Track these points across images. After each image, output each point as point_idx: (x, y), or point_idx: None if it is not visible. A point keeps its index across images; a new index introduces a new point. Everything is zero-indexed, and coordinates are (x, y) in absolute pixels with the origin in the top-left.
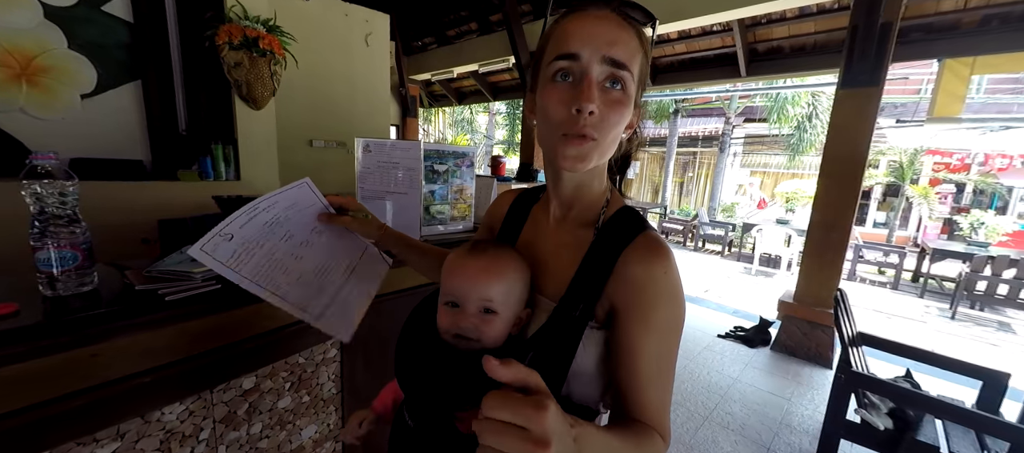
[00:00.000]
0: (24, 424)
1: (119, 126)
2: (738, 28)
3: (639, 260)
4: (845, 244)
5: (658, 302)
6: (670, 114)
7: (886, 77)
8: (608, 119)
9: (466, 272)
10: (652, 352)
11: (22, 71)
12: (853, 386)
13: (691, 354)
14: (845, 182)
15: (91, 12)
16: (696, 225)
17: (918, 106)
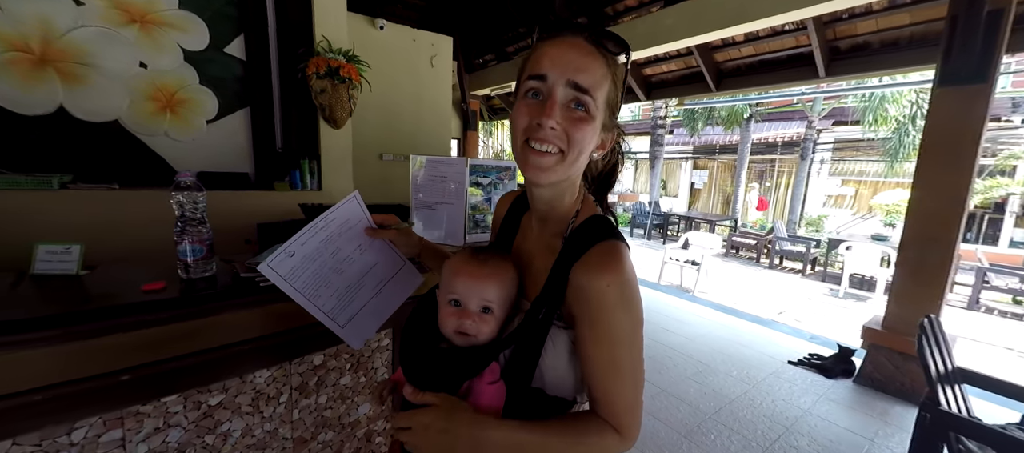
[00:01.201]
0: (165, 371)
1: (232, 146)
2: (813, 26)
3: (585, 272)
4: (948, 264)
5: (602, 313)
6: (742, 120)
7: (998, 72)
8: (571, 136)
9: (471, 275)
10: (603, 357)
11: (167, 103)
12: (942, 428)
13: (754, 380)
14: (947, 193)
15: (216, 54)
16: (771, 240)
17: None
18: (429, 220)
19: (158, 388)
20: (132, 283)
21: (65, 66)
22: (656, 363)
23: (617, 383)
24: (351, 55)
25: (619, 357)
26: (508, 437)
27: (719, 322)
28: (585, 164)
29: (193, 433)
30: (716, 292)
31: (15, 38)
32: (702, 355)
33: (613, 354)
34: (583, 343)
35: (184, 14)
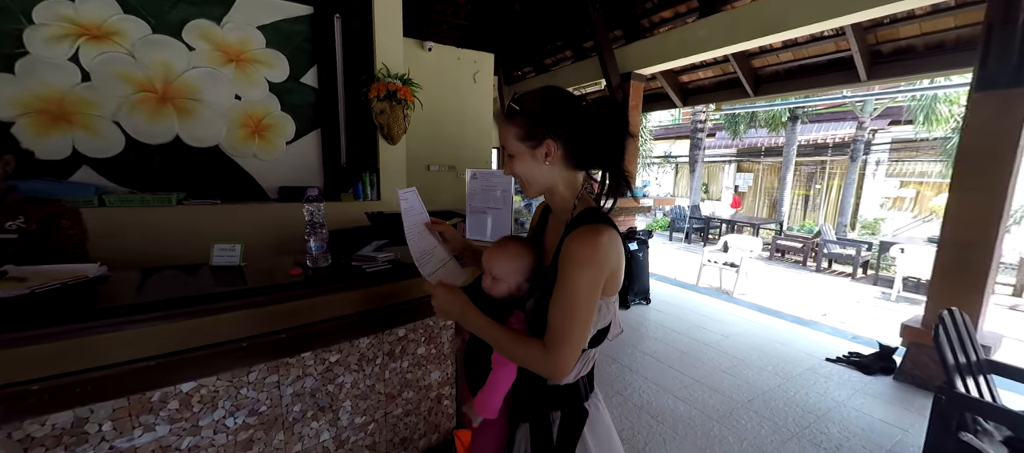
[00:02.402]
0: (303, 334)
1: (306, 163)
2: (852, 31)
3: (568, 242)
4: (987, 267)
5: (566, 267)
6: (784, 122)
7: None
8: (514, 173)
9: (487, 255)
10: (557, 297)
11: (255, 129)
12: (956, 409)
13: (789, 375)
14: (985, 197)
15: (294, 84)
16: (819, 243)
17: None
18: (479, 221)
19: (299, 346)
20: (280, 270)
21: (180, 102)
22: (690, 357)
23: (557, 317)
24: (407, 78)
25: (566, 299)
26: (482, 319)
27: (757, 321)
28: (547, 177)
29: (320, 382)
30: (757, 294)
31: (144, 80)
32: (737, 351)
33: (563, 295)
34: (554, 287)
35: (270, 52)
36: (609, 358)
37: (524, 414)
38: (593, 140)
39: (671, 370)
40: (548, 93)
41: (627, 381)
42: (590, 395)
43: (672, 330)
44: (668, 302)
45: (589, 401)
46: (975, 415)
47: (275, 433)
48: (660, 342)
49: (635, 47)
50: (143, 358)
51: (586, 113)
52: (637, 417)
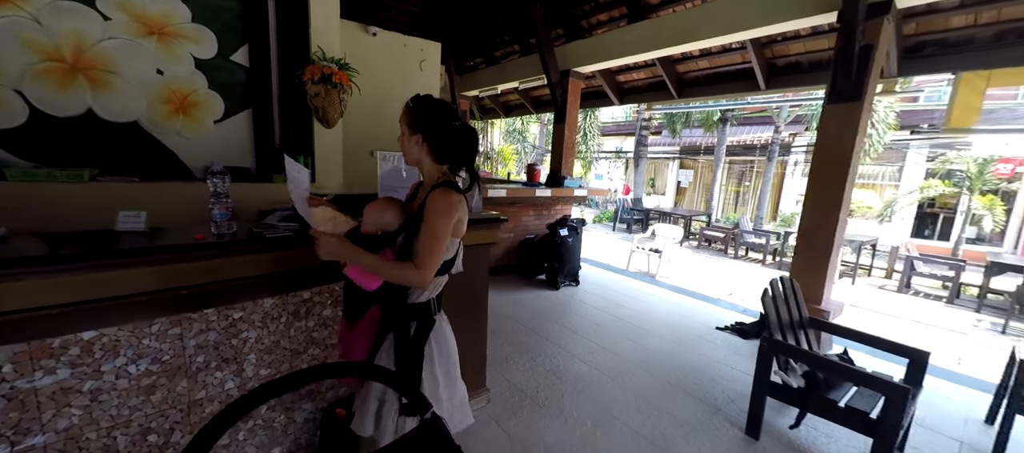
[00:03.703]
0: (208, 291)
1: (236, 143)
2: (752, 46)
3: (429, 197)
4: (830, 247)
5: (428, 212)
6: (715, 122)
7: (871, 93)
8: (401, 144)
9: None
10: (421, 232)
11: (180, 106)
12: (772, 352)
13: (682, 340)
14: (831, 190)
15: (224, 62)
16: (737, 234)
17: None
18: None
19: (202, 303)
20: (186, 235)
21: (94, 73)
22: (602, 329)
23: (422, 244)
24: (343, 63)
25: (427, 232)
26: (363, 254)
27: (670, 299)
28: (416, 155)
29: (223, 336)
30: (678, 277)
31: (51, 48)
32: (645, 323)
33: (425, 230)
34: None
35: (196, 27)
36: (530, 330)
37: (390, 325)
38: (449, 148)
39: (583, 339)
40: (431, 104)
41: (541, 348)
42: (438, 312)
43: (593, 307)
44: (597, 284)
45: (437, 315)
46: (787, 357)
47: (178, 380)
48: (579, 317)
49: (574, 46)
50: (43, 307)
51: (450, 130)
52: (544, 378)
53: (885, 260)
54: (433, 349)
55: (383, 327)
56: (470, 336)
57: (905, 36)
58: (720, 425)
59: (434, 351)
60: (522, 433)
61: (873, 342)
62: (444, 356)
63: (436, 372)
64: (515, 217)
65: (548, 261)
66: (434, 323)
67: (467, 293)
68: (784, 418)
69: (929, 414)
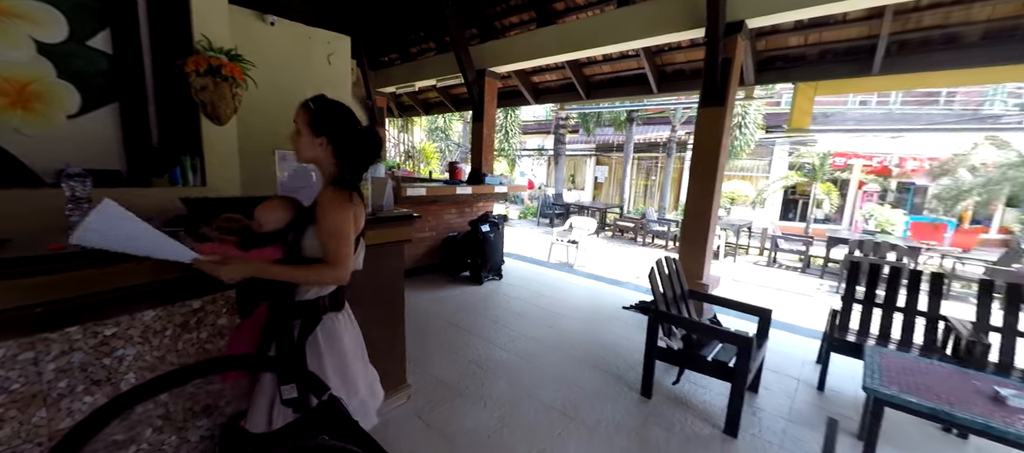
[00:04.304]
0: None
1: (99, 141)
2: (644, 55)
3: (322, 194)
4: (707, 230)
5: (323, 208)
6: (623, 122)
7: (732, 98)
8: (295, 144)
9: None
10: (320, 232)
11: (17, 98)
12: (657, 321)
13: (593, 321)
14: (706, 181)
15: (77, 47)
16: (644, 223)
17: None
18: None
19: (64, 321)
20: (38, 246)
21: None
22: (522, 317)
23: (328, 243)
24: (234, 54)
25: (329, 229)
26: (267, 265)
27: (585, 285)
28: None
29: (92, 356)
30: (593, 265)
31: None
32: (561, 309)
33: (326, 228)
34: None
35: (37, 5)
36: (454, 325)
37: (276, 326)
38: (354, 152)
39: (504, 329)
40: (335, 108)
41: (464, 341)
42: (330, 312)
43: (515, 298)
44: (519, 276)
45: (327, 315)
46: (669, 324)
47: (34, 410)
48: (502, 309)
49: (489, 46)
50: None
51: (356, 135)
52: (466, 368)
53: (758, 240)
54: (321, 347)
55: (270, 324)
56: (387, 334)
57: (758, 51)
58: (621, 390)
59: (322, 349)
60: (443, 423)
61: (734, 306)
62: (335, 354)
63: (326, 370)
64: (437, 215)
65: (471, 257)
66: (321, 321)
67: (381, 292)
68: (671, 377)
69: (776, 359)
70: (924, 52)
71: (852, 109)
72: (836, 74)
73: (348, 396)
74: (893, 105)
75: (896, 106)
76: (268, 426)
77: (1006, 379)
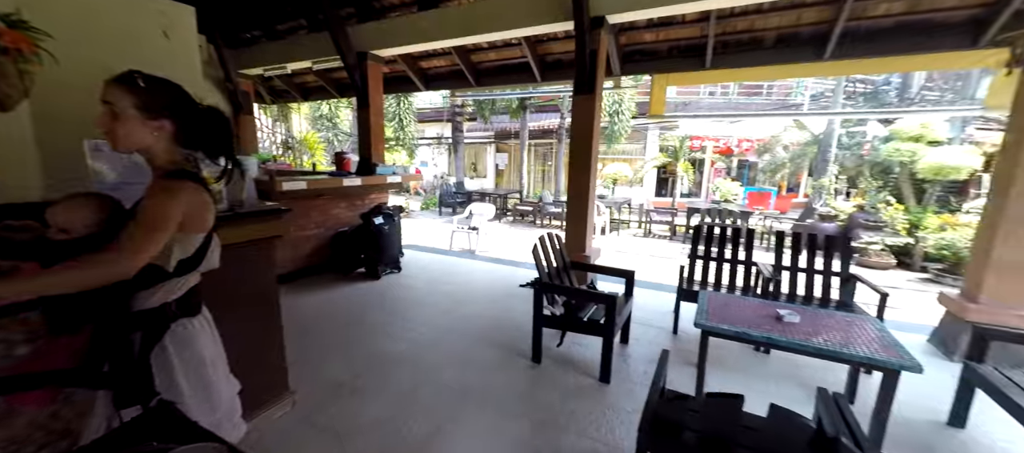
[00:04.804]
0: None
1: None
2: (525, 44)
3: (152, 184)
4: (586, 207)
5: (147, 197)
6: (517, 110)
7: (601, 87)
8: (112, 128)
9: (50, 212)
10: (137, 215)
11: None
12: (541, 291)
13: (493, 300)
14: (583, 163)
15: None
16: (542, 206)
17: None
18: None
19: None
20: None
21: None
22: (422, 307)
23: (134, 225)
24: (15, 20)
25: (141, 214)
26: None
27: (486, 269)
28: (148, 141)
29: None
30: (495, 249)
31: None
32: (461, 294)
33: (140, 212)
34: None
35: None
36: (349, 324)
37: (106, 341)
38: (200, 133)
39: (404, 321)
40: (167, 84)
41: (360, 338)
42: (180, 318)
43: (415, 289)
44: (420, 267)
45: (177, 322)
46: (551, 293)
47: None
48: (401, 301)
49: (370, 28)
50: None
51: (200, 113)
52: (363, 364)
53: (637, 215)
54: (172, 360)
55: (97, 339)
56: (261, 340)
57: (621, 46)
58: (514, 360)
59: (174, 362)
60: (335, 422)
61: (606, 271)
62: (191, 365)
63: (178, 381)
64: (323, 210)
65: (366, 252)
66: (169, 329)
67: (251, 295)
68: (557, 341)
69: (643, 314)
70: (739, 51)
71: (704, 99)
72: (681, 67)
73: (213, 408)
74: (731, 96)
75: (734, 96)
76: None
77: (787, 304)
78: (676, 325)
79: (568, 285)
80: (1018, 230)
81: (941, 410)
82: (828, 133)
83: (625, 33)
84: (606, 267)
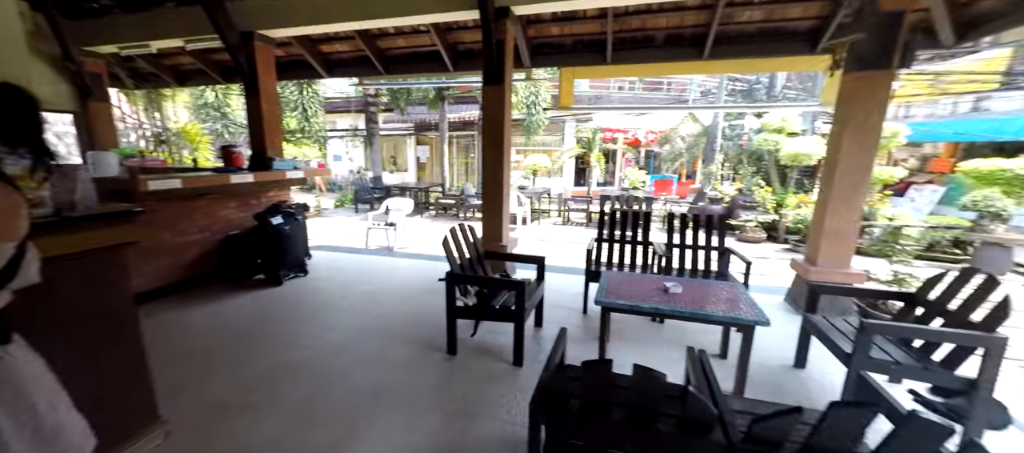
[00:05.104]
0: None
1: None
2: (434, 31)
3: None
4: (501, 197)
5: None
6: (435, 100)
7: (510, 78)
8: None
9: None
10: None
11: None
12: (453, 283)
13: (410, 295)
14: (496, 152)
15: None
16: (464, 198)
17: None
18: None
19: None
20: None
21: None
22: (333, 311)
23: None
24: None
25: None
26: None
27: (405, 266)
28: None
29: None
30: (415, 245)
31: None
32: (377, 293)
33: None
34: None
35: None
36: (241, 338)
37: None
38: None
39: (310, 326)
40: None
41: (254, 352)
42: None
43: (324, 292)
44: (331, 269)
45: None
46: (463, 284)
47: None
48: (307, 306)
49: (257, 4)
50: None
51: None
52: (257, 378)
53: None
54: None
55: None
56: (117, 365)
57: (530, 38)
58: (430, 355)
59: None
60: (220, 447)
61: (519, 259)
62: (7, 403)
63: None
64: (208, 212)
65: (263, 256)
66: None
67: (96, 314)
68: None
69: (557, 297)
70: (635, 48)
71: (615, 93)
72: (586, 61)
73: (40, 447)
74: (637, 91)
75: (639, 91)
76: None
77: (676, 278)
78: (586, 305)
79: (482, 275)
80: (841, 205)
81: (789, 356)
82: (714, 126)
83: (533, 25)
84: (518, 255)
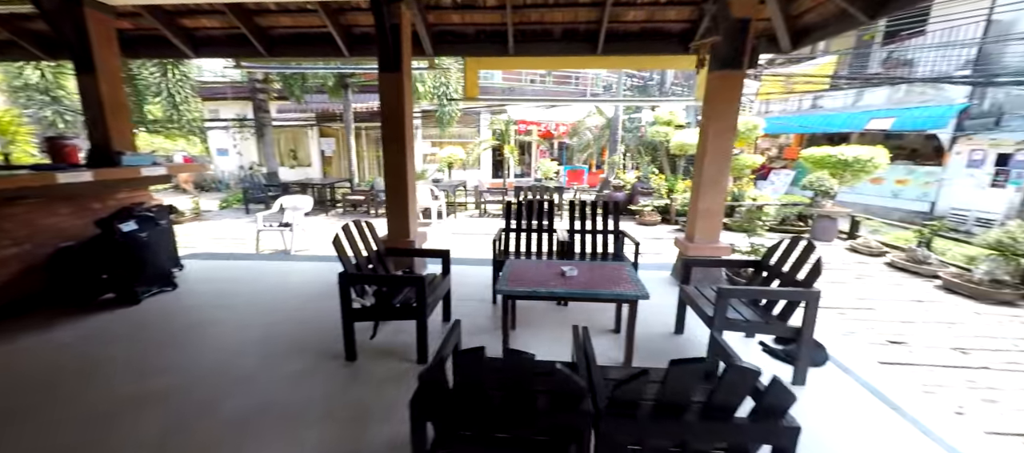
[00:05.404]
0: None
1: None
2: (323, 11)
3: None
4: (405, 190)
5: None
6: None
7: (408, 65)
8: None
9: None
10: None
11: None
12: (347, 283)
13: (307, 303)
14: (397, 143)
15: None
16: (375, 194)
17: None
18: None
19: None
20: None
21: None
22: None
23: None
24: None
25: None
26: None
27: (302, 270)
28: None
29: None
30: (316, 247)
31: None
32: (264, 302)
33: None
34: None
35: None
36: (72, 373)
37: None
38: None
39: (171, 350)
40: None
41: (86, 392)
42: None
43: (197, 307)
44: (209, 278)
45: None
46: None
47: None
48: (169, 326)
49: None
50: None
51: None
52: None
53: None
54: None
55: None
56: None
57: (431, 25)
58: (327, 363)
59: None
60: None
61: (423, 254)
62: None
63: None
64: (26, 220)
65: (111, 271)
66: None
67: None
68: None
69: (465, 289)
70: (535, 40)
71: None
72: (489, 52)
73: None
74: (548, 83)
75: (549, 84)
76: None
77: (575, 262)
78: (494, 296)
79: (381, 273)
80: (709, 188)
81: (671, 324)
82: (616, 118)
83: (433, 12)
84: (421, 250)
